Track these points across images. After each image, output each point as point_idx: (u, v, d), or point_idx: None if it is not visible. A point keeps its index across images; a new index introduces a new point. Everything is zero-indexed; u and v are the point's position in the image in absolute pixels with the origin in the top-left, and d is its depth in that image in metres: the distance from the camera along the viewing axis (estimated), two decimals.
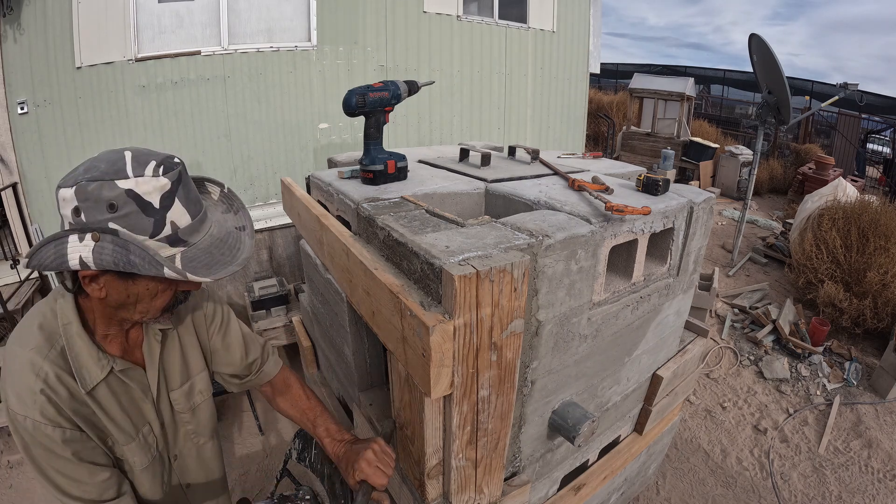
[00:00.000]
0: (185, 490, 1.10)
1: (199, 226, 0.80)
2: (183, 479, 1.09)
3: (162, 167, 0.74)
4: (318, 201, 1.67)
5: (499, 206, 1.49)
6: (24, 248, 3.09)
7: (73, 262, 0.71)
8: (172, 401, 1.01)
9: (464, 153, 1.91)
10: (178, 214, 0.76)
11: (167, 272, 0.72)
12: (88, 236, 0.71)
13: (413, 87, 1.54)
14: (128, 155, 0.74)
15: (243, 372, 1.17)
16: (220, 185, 0.92)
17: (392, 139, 4.22)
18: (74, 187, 0.71)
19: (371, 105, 1.43)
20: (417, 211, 1.26)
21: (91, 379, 0.84)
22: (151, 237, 0.74)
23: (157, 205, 0.73)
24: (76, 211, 0.72)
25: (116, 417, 0.89)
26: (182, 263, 0.76)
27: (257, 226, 3.85)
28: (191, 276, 0.74)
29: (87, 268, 0.72)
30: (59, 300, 0.84)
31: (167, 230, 0.75)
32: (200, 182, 0.91)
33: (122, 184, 0.71)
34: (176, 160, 0.78)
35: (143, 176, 0.72)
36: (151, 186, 0.73)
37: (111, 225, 0.71)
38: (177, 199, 0.75)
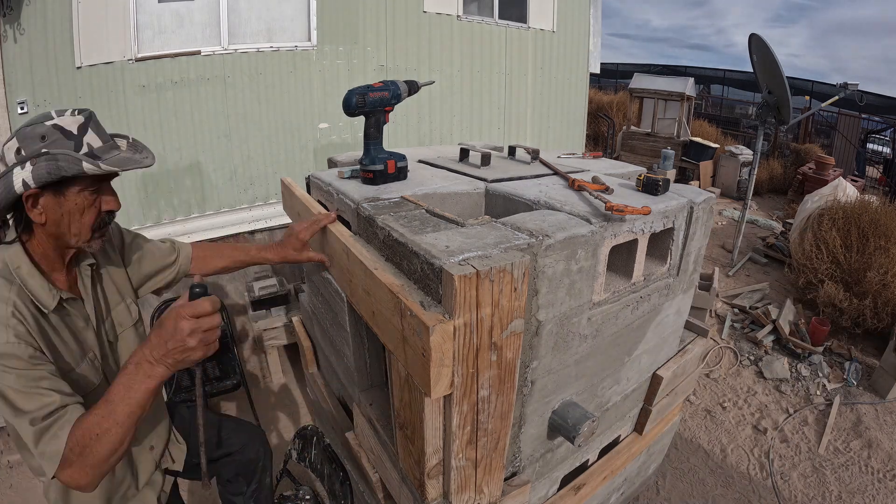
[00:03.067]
0: None
1: (109, 149, 1.00)
2: None
3: (77, 112, 0.98)
4: (318, 201, 1.67)
5: (499, 206, 1.49)
6: None
7: (18, 185, 0.90)
8: (106, 330, 1.16)
9: (464, 153, 1.91)
10: (92, 138, 0.98)
11: (85, 165, 0.92)
12: (28, 163, 0.90)
13: (413, 87, 1.54)
14: (52, 111, 0.97)
15: (169, 261, 1.34)
16: (126, 137, 1.09)
17: (392, 139, 4.22)
18: (15, 136, 0.93)
19: (371, 105, 1.43)
20: (417, 211, 1.26)
21: (47, 306, 0.98)
22: (73, 148, 0.94)
23: (75, 131, 0.95)
24: (17, 151, 0.92)
25: (69, 342, 1.02)
26: (98, 163, 0.94)
27: (258, 225, 3.85)
28: (103, 166, 0.94)
29: (28, 188, 0.90)
30: (6, 251, 0.98)
31: (85, 148, 0.96)
32: (112, 136, 1.08)
33: (49, 122, 0.94)
34: (88, 110, 1.00)
35: (63, 116, 0.96)
36: (71, 120, 0.96)
37: (43, 150, 0.91)
38: (90, 129, 0.98)
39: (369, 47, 3.99)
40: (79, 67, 3.04)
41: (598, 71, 5.61)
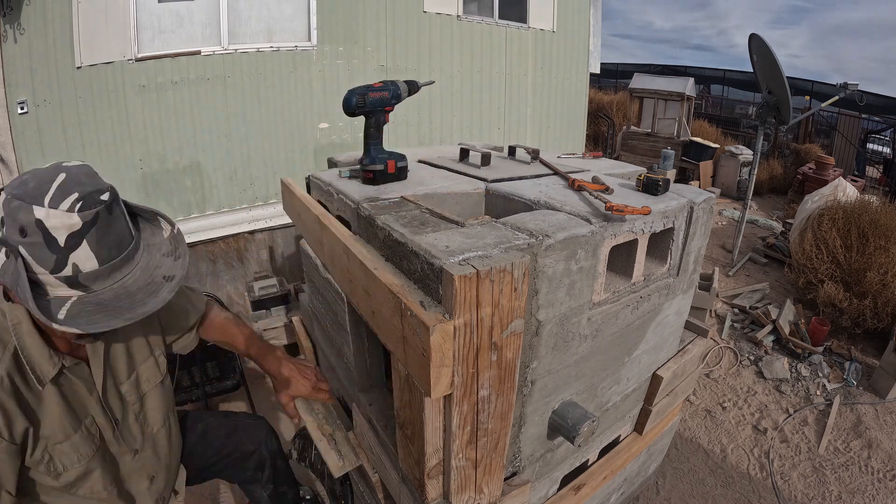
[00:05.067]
0: (150, 481, 1.14)
1: (107, 273, 0.76)
2: (148, 471, 1.13)
3: (81, 203, 0.72)
4: (318, 201, 1.67)
5: (499, 206, 1.49)
6: None
7: None
8: (123, 393, 1.02)
9: (464, 153, 1.91)
10: (83, 258, 0.72)
11: (34, 312, 0.70)
12: (2, 251, 0.71)
13: (413, 87, 1.54)
14: (59, 178, 0.73)
15: (190, 324, 1.27)
16: (172, 225, 0.91)
17: (392, 139, 4.21)
18: (4, 198, 0.72)
19: (371, 105, 1.44)
20: (417, 211, 1.26)
21: (45, 376, 0.84)
22: (51, 273, 0.72)
23: (61, 242, 0.70)
24: (1, 222, 0.72)
25: (61, 413, 0.89)
26: (70, 309, 0.73)
27: (258, 226, 3.85)
28: (58, 327, 0.71)
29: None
30: (5, 303, 0.82)
31: (67, 271, 0.72)
32: (154, 216, 0.89)
33: (37, 212, 0.69)
34: (103, 197, 0.75)
35: (56, 209, 0.70)
36: (60, 222, 0.70)
37: (20, 248, 0.70)
38: (85, 241, 0.72)
39: (369, 47, 3.99)
40: (79, 67, 3.04)
41: (598, 71, 5.61)
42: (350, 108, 1.42)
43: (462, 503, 1.12)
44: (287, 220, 3.85)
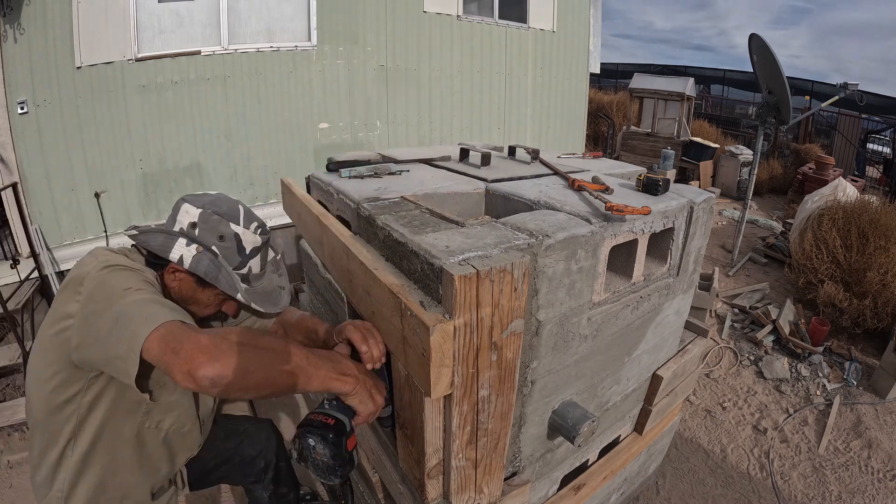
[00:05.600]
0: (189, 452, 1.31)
1: (261, 277, 1.11)
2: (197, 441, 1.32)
3: (260, 230, 1.09)
4: (318, 201, 1.67)
5: (499, 206, 1.49)
6: (24, 249, 3.09)
7: (174, 256, 0.98)
8: None
9: (464, 153, 1.91)
10: (255, 264, 1.08)
11: (239, 296, 1.02)
12: (194, 246, 0.99)
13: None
14: (241, 209, 1.07)
15: None
16: (277, 252, 1.21)
17: (392, 139, 4.22)
18: (200, 210, 1.02)
19: None
20: (417, 211, 1.26)
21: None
22: (235, 269, 1.05)
23: (247, 251, 1.06)
24: (193, 225, 1.02)
25: None
26: (246, 294, 1.05)
27: None
28: (253, 305, 1.05)
29: (181, 264, 0.98)
30: (145, 271, 1.00)
31: (244, 270, 1.06)
32: (267, 242, 1.16)
33: (234, 227, 1.04)
34: (268, 228, 1.11)
35: (248, 229, 1.06)
36: (250, 239, 1.06)
37: (214, 248, 1.01)
38: (258, 255, 1.09)
39: (369, 47, 3.99)
40: (79, 67, 3.05)
41: (598, 71, 5.61)
42: None
43: (462, 503, 1.12)
44: (287, 220, 3.84)
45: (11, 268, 2.89)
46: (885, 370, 3.11)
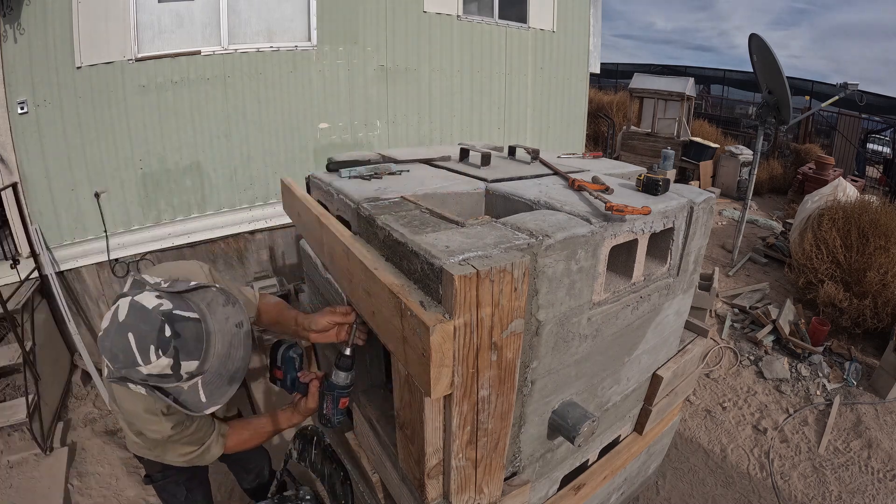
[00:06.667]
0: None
1: (206, 358, 1.03)
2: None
3: (160, 350, 0.96)
4: (318, 201, 1.67)
5: (499, 205, 1.49)
6: (23, 248, 3.09)
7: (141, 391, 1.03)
8: None
9: (464, 153, 1.91)
10: (187, 366, 1.00)
11: (202, 411, 1.06)
12: (140, 385, 1.01)
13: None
14: (130, 340, 0.96)
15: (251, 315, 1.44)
16: (213, 285, 1.13)
17: (392, 139, 4.22)
18: (107, 360, 1.00)
19: None
20: (417, 211, 1.26)
21: None
22: (177, 382, 1.01)
23: (170, 371, 0.99)
24: (117, 370, 0.99)
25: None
26: (203, 390, 1.04)
27: (258, 226, 3.85)
28: (207, 411, 1.06)
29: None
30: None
31: (185, 376, 1.01)
32: (195, 289, 1.10)
33: (142, 369, 0.97)
34: (167, 334, 0.97)
35: (150, 363, 0.96)
36: (160, 367, 0.97)
37: (150, 383, 1.00)
38: (181, 360, 0.99)
39: (369, 47, 3.99)
40: (79, 67, 3.04)
41: (598, 71, 5.61)
42: None
43: (462, 503, 1.12)
44: (287, 220, 3.84)
45: (11, 268, 2.89)
46: (885, 370, 3.11)
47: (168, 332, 0.97)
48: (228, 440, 1.35)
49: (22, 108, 2.94)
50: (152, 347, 0.95)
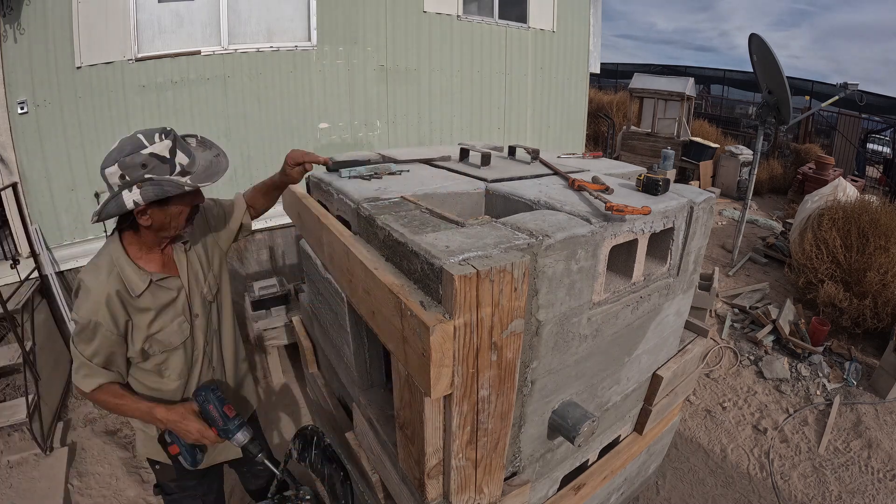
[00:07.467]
0: (223, 361, 1.55)
1: (194, 161, 1.21)
2: (224, 352, 1.54)
3: (163, 134, 1.16)
4: (318, 201, 1.67)
5: (499, 205, 1.49)
6: (24, 249, 3.09)
7: (129, 205, 1.14)
8: (203, 293, 1.43)
9: (464, 153, 1.91)
10: (181, 157, 1.18)
11: (187, 188, 1.17)
12: (135, 187, 1.13)
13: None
14: (139, 135, 1.16)
15: (242, 219, 1.59)
16: (195, 136, 1.31)
17: (392, 139, 4.22)
18: (116, 164, 1.13)
19: None
20: (417, 211, 1.26)
21: (137, 289, 1.26)
22: (171, 174, 1.16)
23: (167, 156, 1.15)
24: (122, 177, 1.13)
25: (152, 313, 1.30)
26: (191, 180, 1.19)
27: (257, 225, 3.84)
28: (200, 185, 1.19)
29: (139, 206, 1.15)
30: (109, 245, 1.28)
31: (178, 168, 1.17)
32: (183, 137, 1.28)
33: (145, 151, 1.13)
34: (168, 128, 1.19)
35: (154, 143, 1.15)
36: (162, 146, 1.15)
37: (146, 176, 1.13)
38: (178, 150, 1.18)
39: (369, 47, 3.99)
40: (79, 67, 3.04)
41: (598, 71, 5.61)
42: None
43: (462, 503, 1.12)
44: (287, 220, 3.85)
45: (11, 268, 2.88)
46: (885, 370, 3.11)
47: (168, 128, 1.19)
48: (99, 392, 1.28)
49: (22, 108, 2.94)
50: (157, 134, 1.16)
